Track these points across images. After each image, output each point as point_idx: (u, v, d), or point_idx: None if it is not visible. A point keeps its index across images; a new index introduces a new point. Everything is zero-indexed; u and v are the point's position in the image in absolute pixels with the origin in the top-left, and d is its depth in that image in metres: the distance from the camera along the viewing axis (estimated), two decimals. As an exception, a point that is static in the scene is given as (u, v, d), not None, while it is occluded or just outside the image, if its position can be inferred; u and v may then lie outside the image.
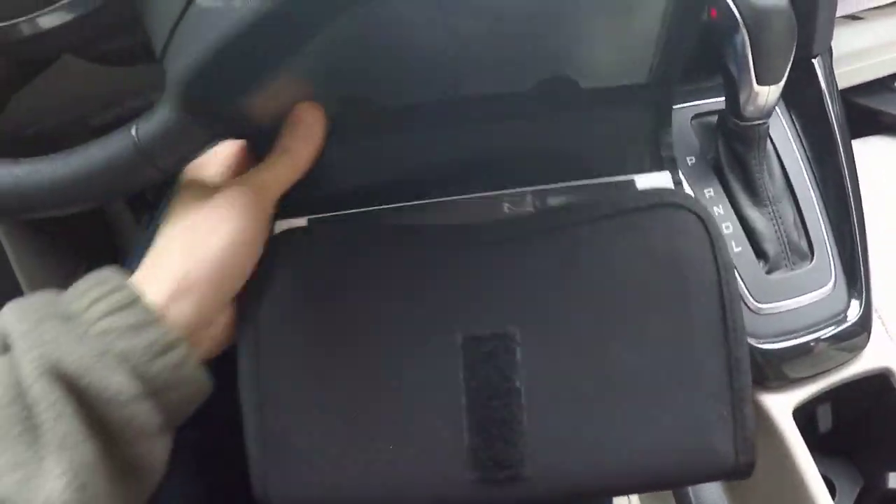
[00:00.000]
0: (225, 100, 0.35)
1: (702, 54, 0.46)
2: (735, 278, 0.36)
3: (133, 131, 0.37)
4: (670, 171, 0.40)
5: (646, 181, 0.38)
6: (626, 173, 0.39)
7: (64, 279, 0.84)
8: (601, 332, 0.35)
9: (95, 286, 0.32)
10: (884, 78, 0.75)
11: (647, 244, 0.35)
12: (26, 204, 0.42)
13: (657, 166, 0.40)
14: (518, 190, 0.37)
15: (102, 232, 0.92)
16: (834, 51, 0.55)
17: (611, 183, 0.38)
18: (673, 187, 0.38)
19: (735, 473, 0.35)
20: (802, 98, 0.53)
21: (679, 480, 0.37)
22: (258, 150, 0.39)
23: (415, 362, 0.36)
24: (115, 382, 0.29)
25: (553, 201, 0.37)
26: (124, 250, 0.92)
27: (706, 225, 0.36)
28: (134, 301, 0.32)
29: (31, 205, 0.42)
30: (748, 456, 0.35)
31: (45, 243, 0.80)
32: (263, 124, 0.37)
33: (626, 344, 0.35)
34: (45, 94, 0.51)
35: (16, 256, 0.76)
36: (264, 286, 0.36)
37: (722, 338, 0.35)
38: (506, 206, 0.36)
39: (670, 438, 0.35)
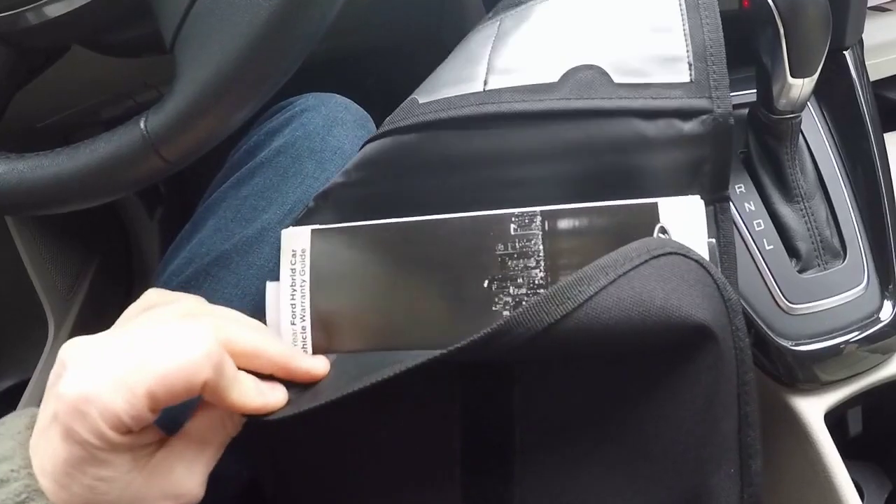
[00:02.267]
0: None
1: (732, 45, 0.44)
2: (743, 323, 0.33)
3: (142, 124, 0.37)
4: (712, 189, 0.37)
5: (671, 206, 0.34)
6: (654, 192, 0.35)
7: (75, 275, 0.84)
8: (608, 388, 0.33)
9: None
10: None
11: (647, 303, 0.31)
12: (32, 200, 0.41)
13: (688, 187, 0.36)
14: (527, 210, 0.34)
15: (114, 226, 0.91)
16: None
17: (629, 206, 0.34)
18: (703, 214, 0.34)
19: None
20: (833, 91, 0.52)
21: None
22: None
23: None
24: None
25: (563, 225, 0.34)
26: (136, 244, 0.92)
27: (707, 269, 0.32)
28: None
29: (36, 201, 0.41)
30: None
31: (56, 237, 0.79)
32: None
33: (634, 400, 0.33)
34: (55, 88, 0.51)
35: (26, 251, 0.75)
36: None
37: (734, 394, 0.32)
38: (513, 227, 0.34)
39: (670, 500, 0.32)
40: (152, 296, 0.36)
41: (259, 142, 0.49)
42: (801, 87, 0.44)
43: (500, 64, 0.38)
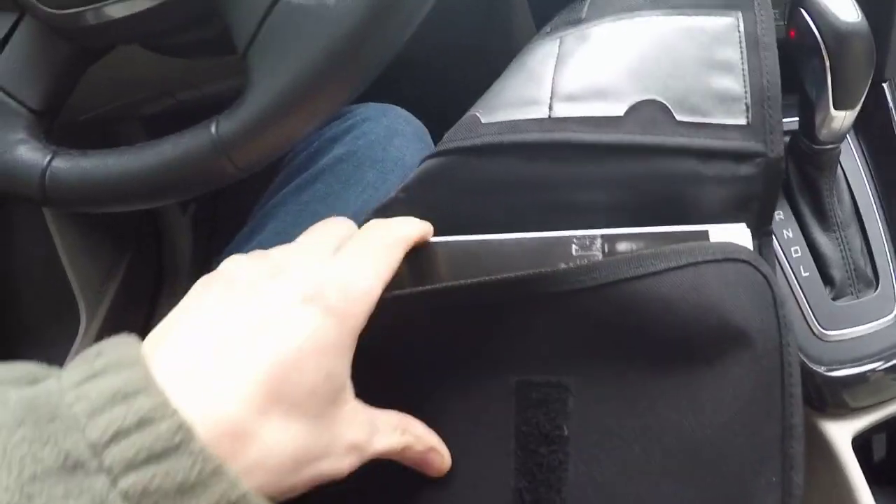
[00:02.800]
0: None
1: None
2: (795, 340, 0.34)
3: (213, 129, 0.37)
4: (758, 223, 0.38)
5: (721, 234, 0.35)
6: (703, 221, 0.36)
7: (108, 269, 0.85)
8: (653, 391, 0.34)
9: (110, 404, 0.21)
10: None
11: (704, 301, 0.33)
12: (93, 197, 0.41)
13: (735, 219, 0.37)
14: (588, 232, 0.35)
15: (147, 220, 0.93)
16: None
17: (684, 232, 0.35)
18: (750, 242, 0.35)
19: None
20: (871, 122, 0.52)
21: None
22: None
23: (467, 405, 0.36)
24: None
25: (622, 247, 0.35)
26: (169, 239, 0.93)
27: (769, 282, 0.34)
28: (181, 443, 0.21)
29: (98, 198, 0.41)
30: None
31: (91, 231, 0.81)
32: None
33: (677, 404, 0.33)
34: (100, 82, 0.51)
35: (63, 244, 0.76)
36: None
37: (779, 402, 0.33)
38: (574, 248, 0.35)
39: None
40: None
41: (320, 148, 0.50)
42: (843, 118, 0.45)
43: (564, 89, 0.39)
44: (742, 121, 0.37)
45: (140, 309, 0.86)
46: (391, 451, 0.31)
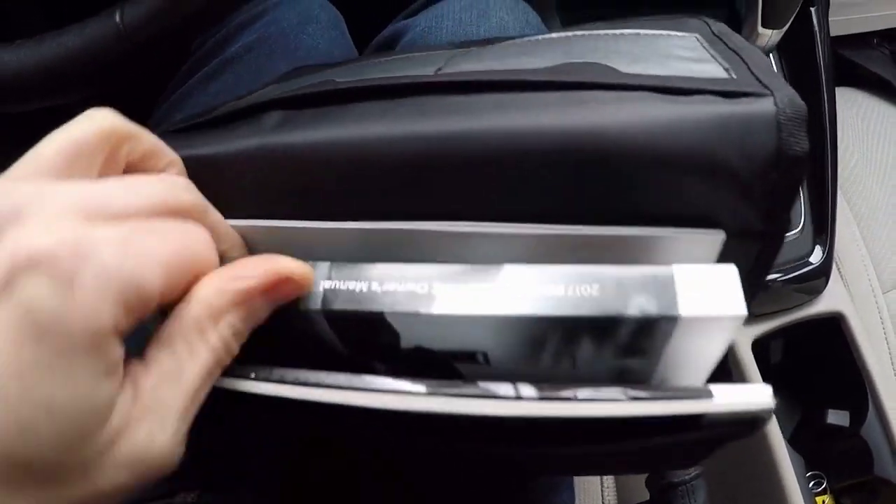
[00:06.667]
0: None
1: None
2: None
3: (117, 16, 0.35)
4: None
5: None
6: None
7: None
8: None
9: None
10: (866, 33, 0.77)
11: None
12: None
13: None
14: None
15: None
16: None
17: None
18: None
19: None
20: (795, 44, 0.54)
21: None
22: None
23: None
24: None
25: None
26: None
27: None
28: None
29: None
30: None
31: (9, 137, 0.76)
32: None
33: None
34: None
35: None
36: None
37: None
38: None
39: None
40: None
41: (229, 35, 0.45)
42: (769, 36, 0.46)
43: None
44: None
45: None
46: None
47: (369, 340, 0.22)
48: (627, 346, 0.20)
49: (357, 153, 0.22)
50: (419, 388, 0.20)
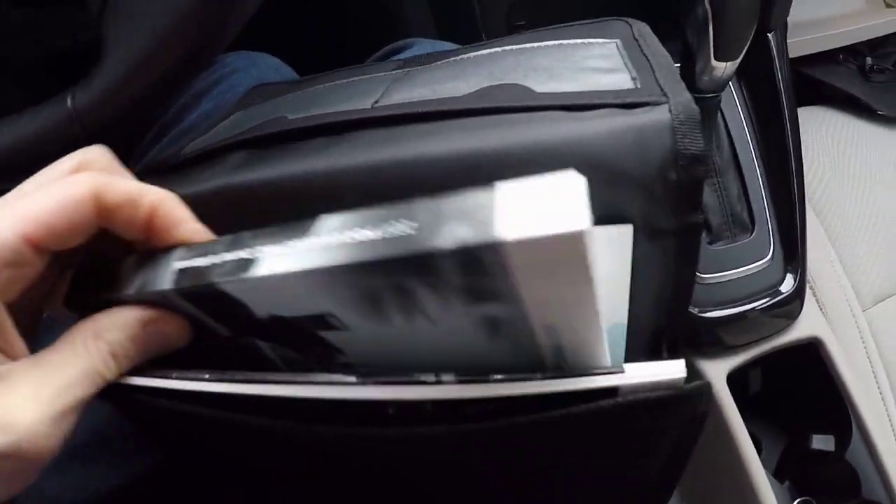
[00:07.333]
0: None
1: (658, 18, 0.45)
2: None
3: (69, 101, 0.35)
4: None
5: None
6: None
7: None
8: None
9: None
10: (831, 50, 0.77)
11: None
12: None
13: None
14: None
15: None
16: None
17: None
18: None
19: None
20: (754, 70, 0.54)
21: None
22: None
23: None
24: None
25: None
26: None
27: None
28: None
29: None
30: None
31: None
32: None
33: None
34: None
35: None
36: None
37: None
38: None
39: None
40: None
41: (187, 104, 0.47)
42: (723, 69, 0.46)
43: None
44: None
45: None
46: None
47: (229, 314, 0.22)
48: (468, 288, 0.18)
49: (304, 186, 0.25)
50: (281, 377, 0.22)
